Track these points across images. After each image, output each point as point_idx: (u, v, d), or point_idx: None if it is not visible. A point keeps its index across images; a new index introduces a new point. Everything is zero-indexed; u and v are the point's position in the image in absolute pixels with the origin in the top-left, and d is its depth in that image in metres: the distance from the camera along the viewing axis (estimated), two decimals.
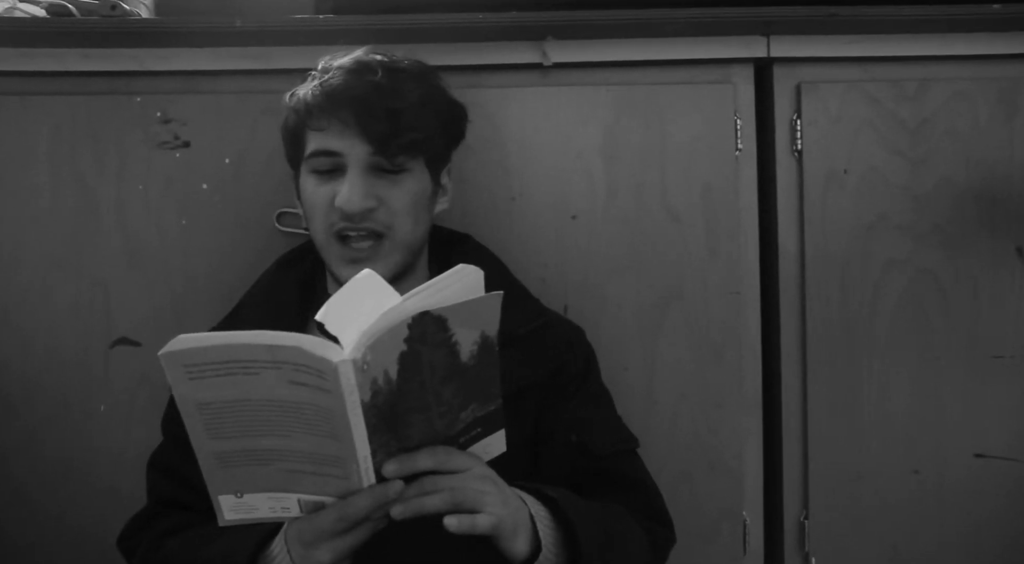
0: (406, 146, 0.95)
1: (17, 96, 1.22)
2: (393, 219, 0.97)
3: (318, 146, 0.97)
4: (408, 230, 0.98)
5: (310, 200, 1.00)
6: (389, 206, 0.97)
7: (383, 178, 0.97)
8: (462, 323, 0.75)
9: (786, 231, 1.25)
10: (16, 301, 1.22)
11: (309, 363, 0.68)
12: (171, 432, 1.06)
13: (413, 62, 1.01)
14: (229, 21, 1.14)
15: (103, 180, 1.22)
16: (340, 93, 0.94)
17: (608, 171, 1.24)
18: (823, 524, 1.25)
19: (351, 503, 0.74)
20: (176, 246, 1.23)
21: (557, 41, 1.20)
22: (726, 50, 1.23)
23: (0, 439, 1.22)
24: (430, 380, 0.74)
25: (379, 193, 0.96)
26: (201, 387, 0.70)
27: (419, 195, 0.99)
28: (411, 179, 0.98)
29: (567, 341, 1.05)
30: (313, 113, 0.96)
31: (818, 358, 1.25)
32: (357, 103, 0.93)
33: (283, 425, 0.71)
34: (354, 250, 0.97)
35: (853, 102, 1.24)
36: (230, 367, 0.69)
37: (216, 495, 0.76)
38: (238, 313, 1.07)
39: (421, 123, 0.96)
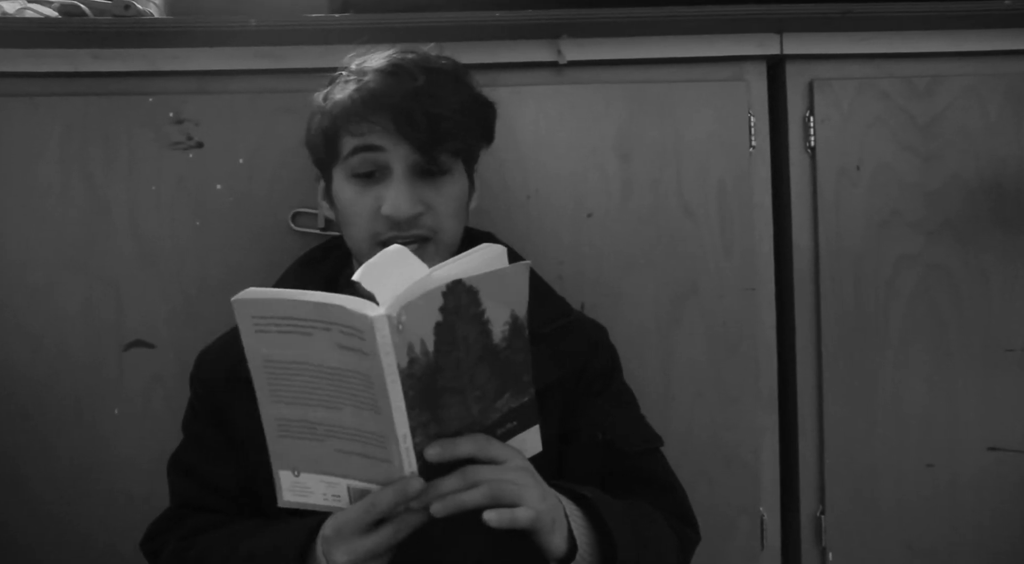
0: (449, 151, 0.94)
1: (27, 97, 1.21)
2: (439, 222, 0.96)
3: (360, 142, 0.94)
4: (453, 232, 0.98)
5: (350, 208, 0.97)
6: (435, 210, 0.95)
7: (426, 181, 0.95)
8: (493, 297, 0.75)
9: (800, 227, 1.26)
10: (27, 303, 1.21)
11: (351, 322, 0.68)
12: (192, 432, 1.05)
13: (448, 62, 0.99)
14: (244, 20, 1.13)
15: (115, 181, 1.21)
16: (379, 98, 0.92)
17: (623, 169, 1.24)
18: (839, 519, 1.26)
19: (376, 495, 0.74)
20: (189, 247, 1.22)
21: (572, 39, 1.20)
22: (739, 48, 1.23)
23: (12, 443, 1.21)
24: (465, 358, 0.74)
25: (424, 197, 0.94)
26: (266, 341, 0.72)
27: (460, 196, 0.99)
28: (452, 181, 0.97)
29: (592, 340, 1.05)
30: (352, 118, 0.94)
31: (832, 353, 1.25)
32: (396, 109, 0.91)
33: (334, 396, 0.72)
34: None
35: (865, 99, 1.25)
36: (288, 324, 0.71)
37: (277, 469, 0.77)
38: None
39: (462, 128, 0.94)
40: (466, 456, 0.75)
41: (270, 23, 1.14)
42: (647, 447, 1.03)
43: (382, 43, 1.07)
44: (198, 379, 1.05)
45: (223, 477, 0.99)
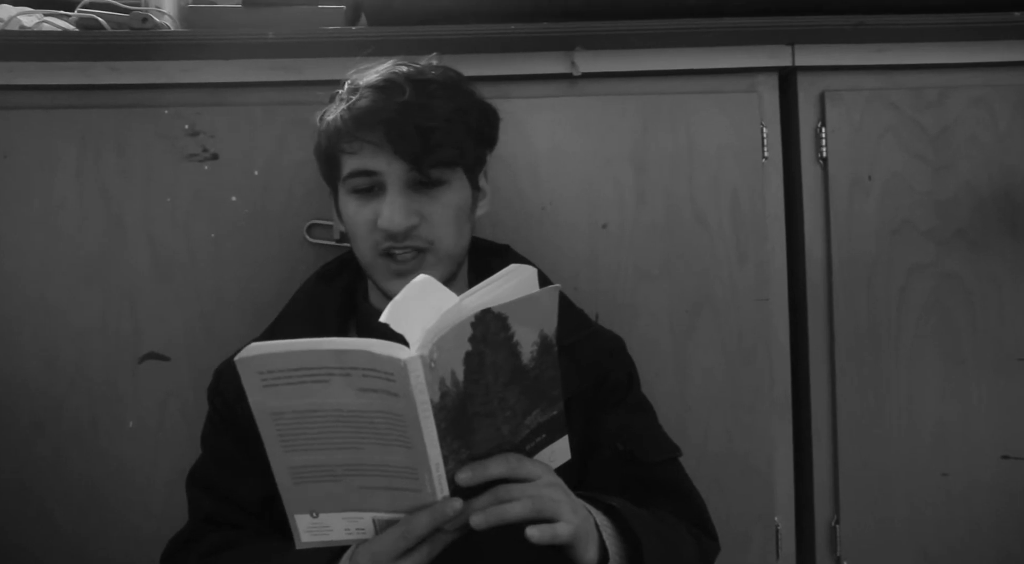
0: (440, 162, 0.95)
1: (43, 110, 1.21)
2: (435, 233, 0.97)
3: (355, 167, 0.96)
4: (451, 242, 0.98)
5: (352, 221, 0.99)
6: (431, 221, 0.96)
7: (422, 193, 0.96)
8: (522, 321, 0.75)
9: (812, 237, 1.27)
10: (43, 316, 1.20)
11: (377, 365, 0.68)
12: (211, 446, 1.05)
13: (441, 71, 1.00)
14: (262, 33, 1.13)
15: (130, 193, 1.22)
16: (369, 115, 0.94)
17: (637, 179, 1.25)
18: (854, 528, 1.26)
19: (411, 520, 0.74)
20: (205, 259, 1.22)
21: (586, 51, 1.21)
22: (751, 59, 1.24)
23: (27, 456, 1.20)
24: (494, 383, 0.74)
25: (420, 209, 0.96)
26: (274, 395, 0.70)
27: (460, 205, 0.99)
28: (450, 191, 0.98)
29: (610, 351, 1.05)
30: (344, 137, 0.96)
31: (846, 362, 1.26)
32: (387, 125, 0.93)
33: (354, 437, 0.71)
34: (400, 263, 0.97)
35: (876, 110, 1.26)
36: (301, 375, 0.69)
37: (292, 514, 0.75)
38: (277, 327, 1.07)
39: (453, 137, 0.95)
40: (497, 477, 0.75)
41: (288, 36, 1.15)
42: (666, 457, 1.03)
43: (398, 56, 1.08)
44: (217, 393, 1.05)
45: (244, 492, 0.99)
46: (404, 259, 0.97)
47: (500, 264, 1.05)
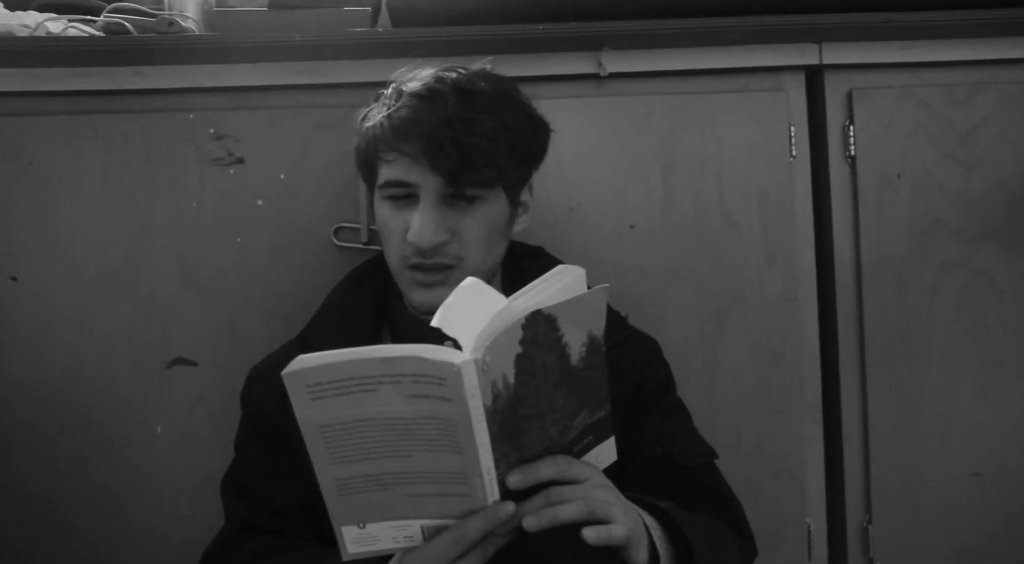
0: (478, 182, 0.92)
1: (68, 116, 1.20)
2: (465, 250, 0.94)
3: (390, 176, 0.94)
4: (480, 259, 0.96)
5: (385, 227, 0.97)
6: (461, 237, 0.94)
7: (456, 207, 0.94)
8: (571, 321, 0.75)
9: (841, 237, 1.26)
10: (70, 321, 1.20)
11: (429, 371, 0.67)
12: (245, 452, 1.04)
13: (491, 81, 0.96)
14: (288, 36, 1.13)
15: (156, 198, 1.21)
16: (409, 126, 0.91)
17: (665, 180, 1.24)
18: (886, 529, 1.25)
19: (463, 525, 0.73)
20: (231, 263, 1.22)
21: (612, 51, 1.20)
22: (779, 58, 1.23)
23: (54, 462, 1.20)
24: (544, 384, 0.74)
25: (452, 224, 0.94)
26: (322, 408, 0.69)
27: (494, 222, 0.96)
28: (485, 207, 0.95)
29: (647, 354, 1.05)
30: (381, 144, 0.94)
31: (877, 362, 1.25)
32: (426, 138, 0.90)
33: (404, 444, 0.70)
34: (426, 275, 0.95)
35: (904, 107, 1.25)
36: (349, 385, 0.68)
37: (339, 526, 0.74)
38: (310, 332, 1.06)
39: (493, 157, 0.91)
40: (548, 479, 0.74)
41: (314, 38, 1.14)
42: (703, 460, 1.03)
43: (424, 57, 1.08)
44: (251, 399, 1.04)
45: (281, 498, 0.98)
46: (430, 273, 0.95)
47: (534, 266, 1.05)
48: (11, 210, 1.20)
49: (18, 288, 1.20)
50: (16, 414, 1.20)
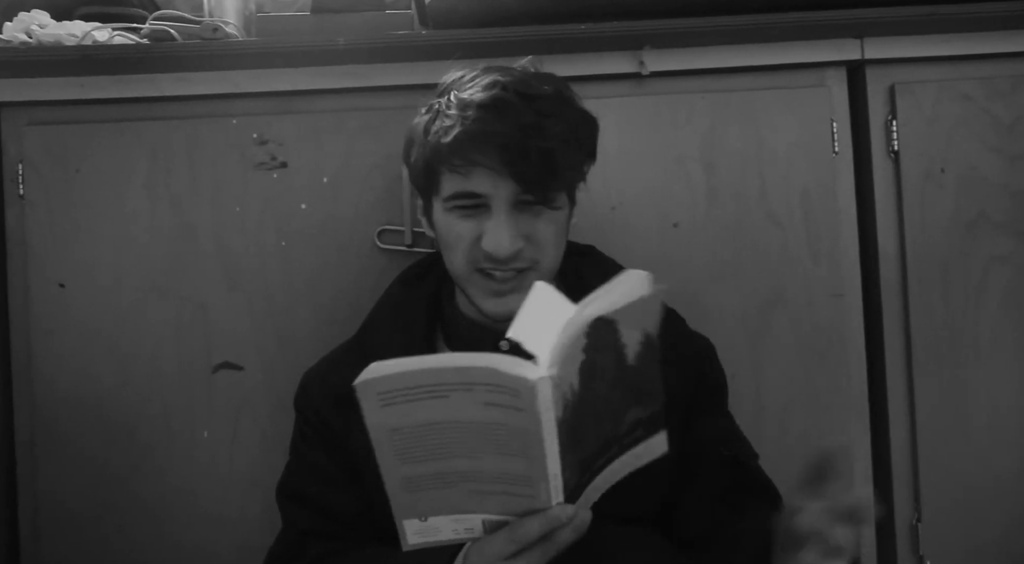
0: (564, 185, 0.93)
1: (113, 123, 1.21)
2: (540, 253, 0.94)
3: (460, 188, 0.92)
4: (553, 260, 0.96)
5: (450, 233, 0.95)
6: (536, 241, 0.94)
7: (528, 212, 0.93)
8: (629, 324, 0.75)
9: (885, 232, 1.25)
10: (117, 327, 1.21)
11: (503, 383, 0.67)
12: (303, 457, 1.03)
13: (547, 82, 0.95)
14: (332, 40, 1.13)
15: (200, 203, 1.22)
16: (486, 137, 0.89)
17: (708, 178, 1.24)
18: (936, 526, 1.24)
19: (521, 524, 0.73)
20: (276, 267, 1.22)
21: (654, 50, 1.20)
22: (820, 54, 1.23)
23: (102, 470, 1.21)
24: (601, 387, 0.74)
25: (525, 230, 0.93)
26: (393, 413, 0.69)
27: (563, 223, 0.97)
28: (555, 212, 0.95)
29: (703, 354, 1.05)
30: (454, 156, 0.91)
31: (923, 358, 1.24)
32: (504, 149, 0.88)
33: (472, 447, 0.70)
34: (499, 283, 0.94)
35: (947, 101, 1.24)
36: (420, 392, 0.68)
37: (400, 520, 0.75)
38: (365, 335, 1.06)
39: (571, 158, 0.93)
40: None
41: (357, 42, 1.15)
42: (756, 458, 1.03)
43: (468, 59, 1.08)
44: (306, 403, 1.04)
45: (339, 503, 0.98)
46: (504, 279, 0.94)
47: (586, 264, 1.06)
48: (57, 217, 1.21)
49: (65, 295, 1.21)
50: (63, 420, 1.21)
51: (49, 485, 1.20)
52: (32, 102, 1.21)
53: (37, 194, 1.21)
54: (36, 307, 1.21)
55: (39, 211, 1.21)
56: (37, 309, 1.21)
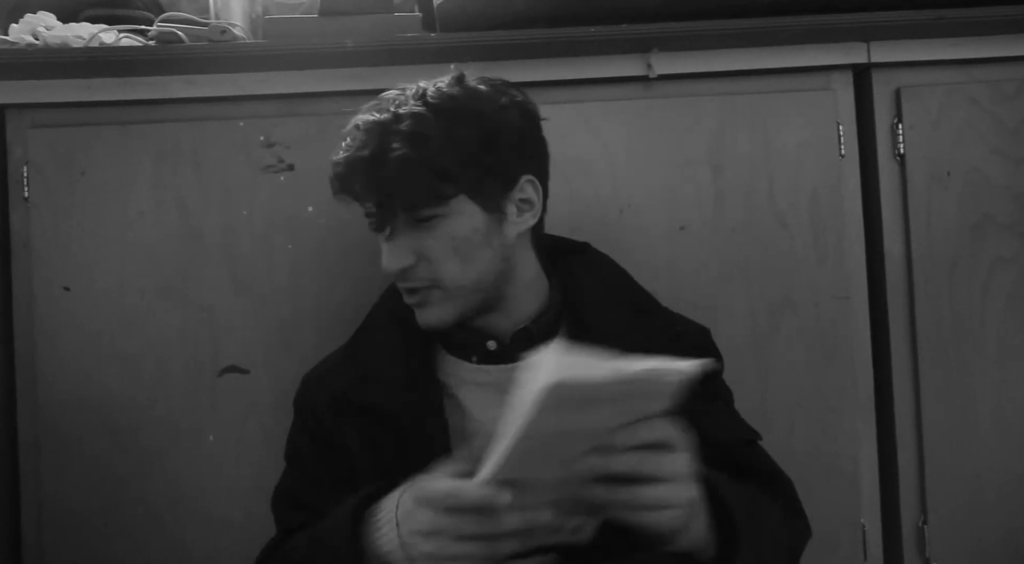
0: (402, 208, 0.92)
1: (119, 125, 1.21)
2: (435, 270, 0.94)
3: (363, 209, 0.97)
4: (456, 275, 0.93)
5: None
6: (429, 258, 0.93)
7: (417, 229, 0.93)
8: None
9: (891, 235, 1.26)
10: (121, 330, 1.20)
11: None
12: (296, 458, 1.04)
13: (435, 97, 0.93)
14: (341, 42, 1.13)
15: (207, 206, 1.21)
16: (337, 171, 0.95)
17: (715, 180, 1.24)
18: (942, 528, 1.24)
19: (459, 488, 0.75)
20: (283, 270, 1.22)
21: (661, 53, 1.21)
22: (826, 57, 1.24)
23: (106, 473, 1.20)
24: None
25: (416, 247, 0.93)
26: (564, 417, 0.68)
27: (464, 236, 0.93)
28: (447, 223, 0.92)
29: (701, 347, 1.04)
30: (335, 192, 0.97)
31: (929, 359, 1.24)
32: (347, 181, 0.94)
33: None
34: (409, 296, 0.97)
35: (952, 104, 1.25)
36: (599, 397, 0.68)
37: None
38: (359, 338, 1.06)
39: (407, 184, 0.90)
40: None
41: (366, 44, 1.14)
42: (744, 438, 1.02)
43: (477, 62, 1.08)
44: (303, 405, 1.04)
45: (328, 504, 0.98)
46: (412, 294, 0.96)
47: (578, 262, 1.06)
48: (62, 220, 1.20)
49: (70, 298, 1.20)
50: (67, 423, 1.20)
51: (53, 488, 1.19)
52: (37, 104, 1.20)
53: (42, 197, 1.20)
54: (41, 310, 1.20)
55: (44, 214, 1.20)
56: (42, 312, 1.20)
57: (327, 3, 1.17)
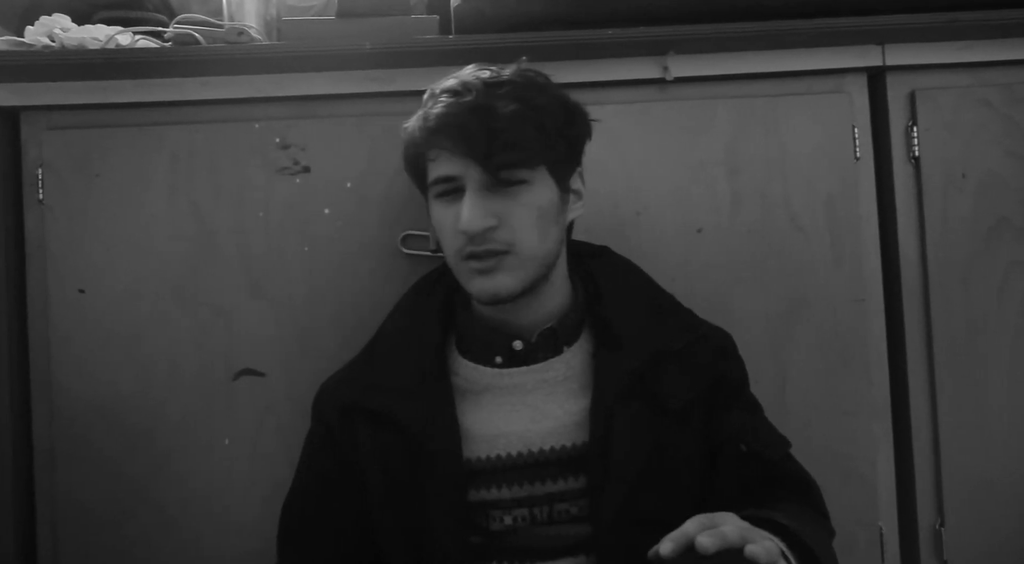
0: (509, 162, 0.94)
1: (134, 127, 1.21)
2: (515, 236, 0.95)
3: (437, 174, 0.97)
4: (534, 244, 0.96)
5: (439, 224, 0.99)
6: (509, 223, 0.95)
7: (501, 194, 0.95)
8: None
9: (906, 238, 1.26)
10: (136, 333, 1.20)
11: None
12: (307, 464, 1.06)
13: (518, 73, 0.98)
14: (359, 44, 1.13)
15: (222, 208, 1.21)
16: (441, 121, 0.95)
17: (731, 183, 1.24)
18: (959, 531, 1.24)
19: None
20: (298, 273, 1.21)
21: (678, 55, 1.21)
22: (841, 60, 1.24)
23: (120, 477, 1.19)
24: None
25: (498, 210, 0.94)
26: None
27: (542, 207, 0.96)
28: (531, 192, 0.96)
29: (722, 350, 1.05)
30: (421, 144, 0.97)
31: (945, 362, 1.24)
32: (455, 128, 0.93)
33: None
34: (481, 263, 0.95)
35: (967, 107, 1.25)
36: None
37: None
38: (376, 344, 1.07)
39: (520, 136, 0.93)
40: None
41: (384, 46, 1.14)
42: (784, 451, 1.02)
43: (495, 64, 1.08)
44: (319, 411, 1.05)
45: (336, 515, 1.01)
46: (484, 259, 0.95)
47: (598, 266, 1.07)
48: (77, 222, 1.20)
49: (85, 300, 1.20)
50: (82, 426, 1.19)
51: (67, 491, 1.19)
52: (52, 106, 1.20)
53: (57, 199, 1.20)
54: (55, 313, 1.19)
55: (59, 216, 1.20)
56: (56, 315, 1.19)
57: (344, 5, 1.17)
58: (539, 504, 0.97)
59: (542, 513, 0.97)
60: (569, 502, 0.97)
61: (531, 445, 0.96)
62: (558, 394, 0.99)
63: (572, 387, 0.99)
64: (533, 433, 0.97)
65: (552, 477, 0.97)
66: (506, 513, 0.97)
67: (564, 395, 0.99)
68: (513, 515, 0.97)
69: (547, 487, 0.97)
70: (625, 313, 1.01)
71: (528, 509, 0.96)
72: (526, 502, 0.97)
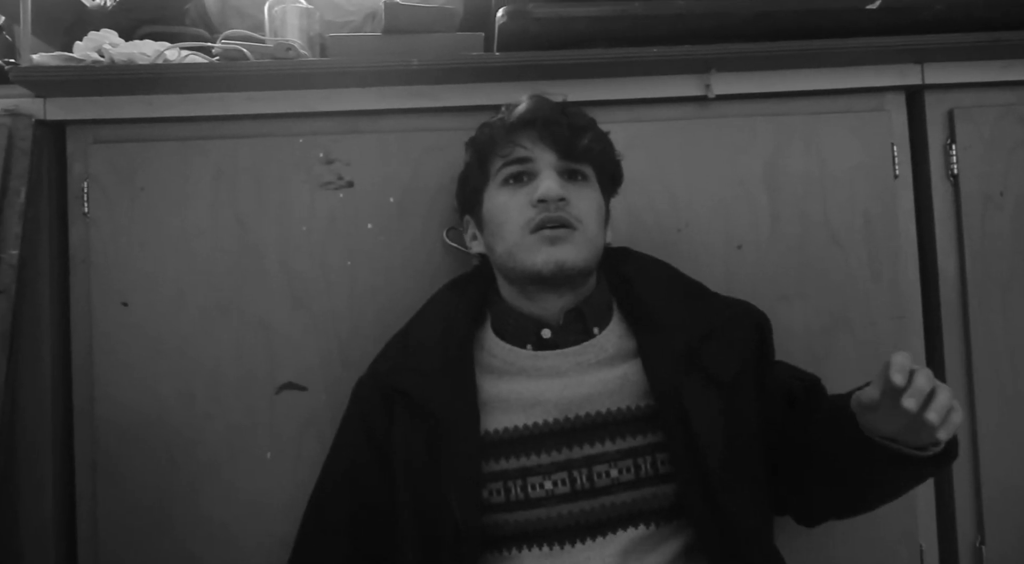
0: (587, 151, 1.04)
1: (179, 141, 1.22)
2: (582, 214, 1.03)
3: (511, 156, 1.04)
4: (593, 230, 1.04)
5: (503, 209, 1.04)
6: (577, 204, 1.03)
7: (570, 182, 1.04)
8: None
9: (945, 255, 1.26)
10: (179, 346, 1.20)
11: None
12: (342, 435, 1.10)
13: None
14: (406, 61, 1.14)
15: (265, 222, 1.22)
16: (528, 114, 1.05)
17: (771, 200, 1.25)
18: (1000, 549, 1.24)
19: None
20: (341, 287, 1.22)
21: (719, 73, 1.22)
22: (881, 79, 1.25)
23: (163, 490, 1.19)
24: None
25: (568, 192, 1.03)
26: None
27: (600, 204, 1.07)
28: (591, 189, 1.06)
29: (755, 323, 1.09)
30: (499, 141, 1.05)
31: (984, 380, 1.25)
32: (542, 121, 1.03)
33: None
34: (553, 231, 1.01)
35: (1005, 125, 1.26)
36: None
37: None
38: (410, 329, 1.11)
39: (597, 138, 1.07)
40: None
41: (434, 63, 1.15)
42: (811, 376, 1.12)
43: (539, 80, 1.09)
44: (358, 391, 1.10)
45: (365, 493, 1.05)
46: (555, 226, 1.01)
47: (629, 263, 1.12)
48: (122, 236, 1.21)
49: (129, 313, 1.20)
50: (126, 439, 1.19)
51: (109, 503, 1.19)
52: (98, 120, 1.21)
53: (102, 212, 1.21)
54: (99, 325, 1.20)
55: (103, 229, 1.21)
56: (100, 327, 1.20)
57: (391, 22, 1.18)
58: (577, 466, 0.99)
59: (581, 476, 0.99)
60: (609, 464, 0.99)
61: (567, 411, 1.00)
62: (591, 371, 1.03)
63: (604, 364, 1.04)
64: (567, 400, 1.01)
65: (589, 441, 1.00)
66: (545, 478, 0.99)
67: (596, 369, 1.03)
68: (552, 479, 0.99)
69: (584, 451, 1.00)
70: (659, 297, 1.06)
71: (567, 472, 0.99)
72: (564, 466, 0.99)
